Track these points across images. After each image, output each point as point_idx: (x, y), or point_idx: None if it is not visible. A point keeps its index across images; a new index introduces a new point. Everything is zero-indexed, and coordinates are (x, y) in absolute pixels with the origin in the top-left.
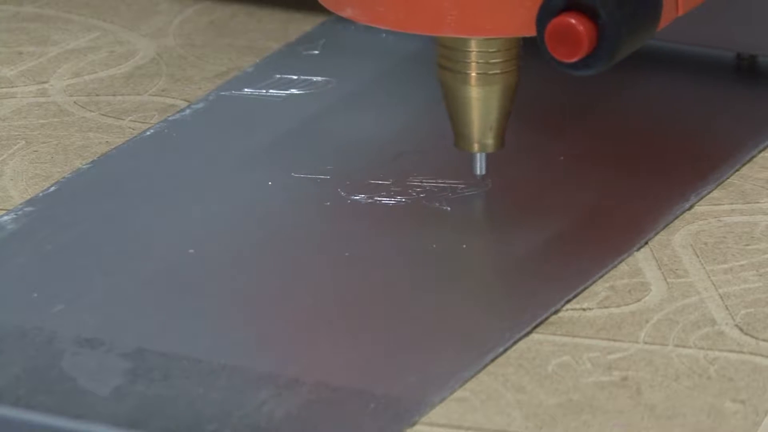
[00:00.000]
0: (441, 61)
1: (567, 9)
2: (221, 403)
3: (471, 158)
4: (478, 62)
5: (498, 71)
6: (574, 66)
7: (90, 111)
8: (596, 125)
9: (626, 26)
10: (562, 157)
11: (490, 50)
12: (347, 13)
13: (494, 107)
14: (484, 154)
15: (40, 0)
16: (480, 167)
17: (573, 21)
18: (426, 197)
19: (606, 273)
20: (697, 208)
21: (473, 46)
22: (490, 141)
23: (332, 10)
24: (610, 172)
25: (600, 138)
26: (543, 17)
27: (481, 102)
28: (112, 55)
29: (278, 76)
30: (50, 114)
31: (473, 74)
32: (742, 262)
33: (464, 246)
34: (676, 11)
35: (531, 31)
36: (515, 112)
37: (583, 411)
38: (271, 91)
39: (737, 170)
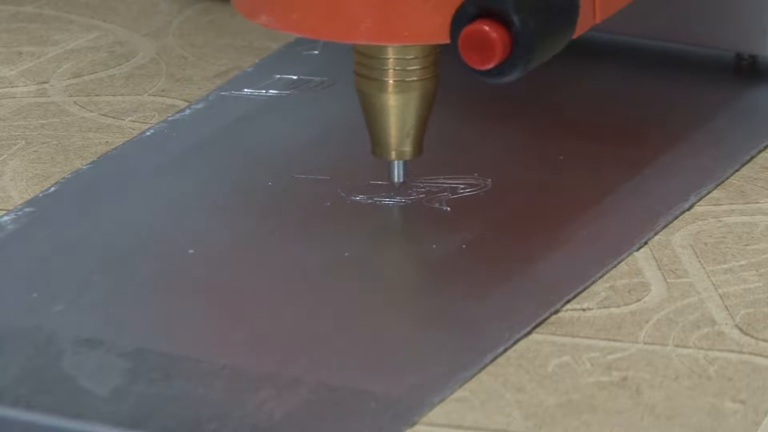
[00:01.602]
0: (358, 68)
1: (480, 16)
2: (221, 403)
3: (388, 166)
4: (395, 69)
5: (415, 78)
6: (488, 73)
7: (90, 111)
8: (595, 125)
9: (540, 33)
10: (561, 157)
11: (407, 57)
12: (262, 20)
13: (412, 114)
14: (402, 162)
15: (40, 0)
16: (398, 175)
17: (486, 28)
18: (426, 197)
19: (606, 273)
20: (697, 208)
21: (390, 53)
22: (407, 148)
23: (247, 17)
24: (609, 172)
25: (599, 138)
26: (456, 24)
27: (398, 109)
28: (112, 55)
29: (278, 76)
30: (50, 114)
31: (390, 81)
32: (741, 262)
33: (464, 246)
34: (594, 18)
35: (447, 39)
36: (515, 112)
37: (583, 411)
38: (271, 91)
39: (737, 170)
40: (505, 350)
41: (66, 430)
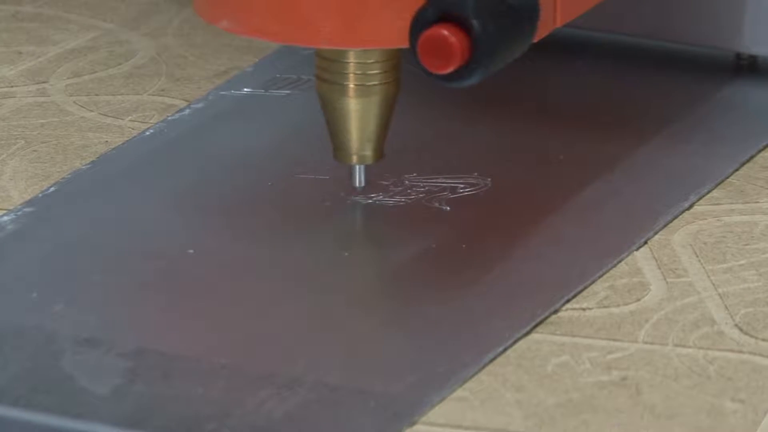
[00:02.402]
0: (319, 72)
1: (440, 20)
2: (221, 402)
3: (350, 170)
4: (356, 73)
5: (376, 82)
6: (447, 78)
7: (89, 111)
8: (595, 125)
9: (500, 38)
10: (561, 157)
11: (368, 61)
12: (223, 24)
13: (373, 119)
14: (363, 167)
15: (39, 0)
16: (359, 179)
17: (445, 32)
18: (426, 197)
19: (605, 273)
20: (697, 208)
21: (351, 58)
22: (368, 153)
23: (208, 21)
24: (609, 172)
25: (599, 138)
26: (415, 28)
27: (359, 113)
28: (112, 55)
29: (278, 75)
30: (50, 114)
31: (351, 85)
32: (741, 262)
33: (464, 246)
34: (554, 23)
35: (408, 43)
36: (515, 112)
37: (582, 410)
38: (270, 90)
39: (737, 170)
40: (505, 350)
41: (66, 430)
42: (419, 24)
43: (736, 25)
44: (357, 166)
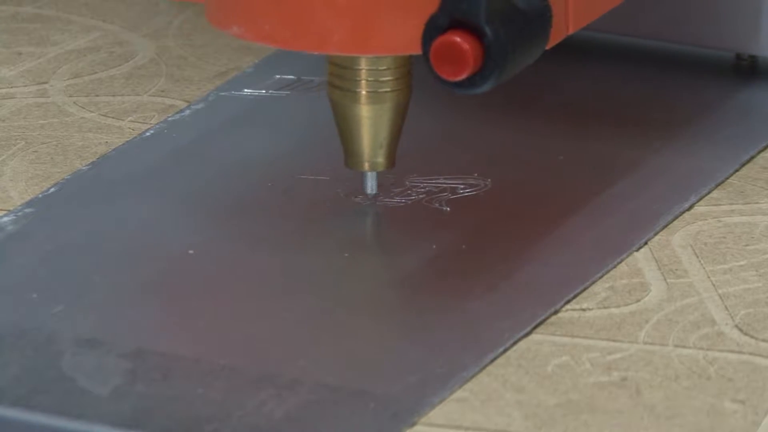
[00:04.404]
0: (331, 79)
1: (452, 27)
2: (221, 403)
3: (362, 177)
4: (368, 80)
5: (388, 89)
6: (459, 85)
7: (89, 111)
8: (595, 125)
9: (512, 44)
10: (561, 157)
11: (380, 68)
12: (234, 31)
13: (385, 125)
14: (375, 173)
15: (39, 0)
16: (371, 186)
17: (458, 39)
18: (426, 197)
19: (606, 273)
20: (697, 209)
21: (363, 64)
22: (380, 159)
23: (218, 27)
24: (609, 172)
25: (599, 138)
26: (428, 35)
27: (371, 120)
28: (112, 56)
29: (278, 76)
30: (50, 114)
31: (363, 92)
32: (741, 263)
33: (464, 246)
34: (566, 29)
35: (420, 49)
36: (515, 112)
37: (582, 411)
38: (270, 91)
39: (737, 170)
40: (505, 350)
41: (66, 430)
42: (431, 31)
43: (736, 25)
44: (369, 173)
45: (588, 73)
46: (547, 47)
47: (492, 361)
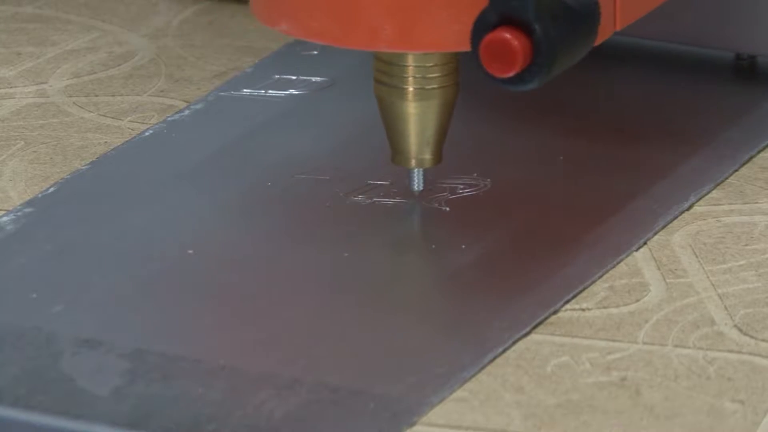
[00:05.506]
0: (378, 75)
1: (501, 24)
2: (221, 403)
3: (408, 174)
4: (415, 77)
5: (435, 86)
6: (509, 81)
7: (89, 111)
8: (595, 125)
9: (561, 41)
10: (561, 157)
11: (428, 65)
12: (282, 27)
13: (431, 122)
14: (421, 170)
15: (39, 0)
16: (417, 183)
17: (508, 36)
18: (425, 197)
19: (605, 273)
20: (697, 209)
21: (410, 61)
22: (427, 156)
23: (267, 24)
24: (609, 172)
25: (599, 138)
26: (477, 32)
27: (418, 117)
28: (111, 56)
29: (277, 76)
30: (49, 114)
31: (410, 89)
32: (741, 263)
33: (463, 246)
34: (614, 26)
35: (467, 46)
36: (515, 112)
37: (582, 411)
38: (270, 91)
39: (737, 170)
40: (505, 350)
41: (65, 430)
42: (481, 27)
43: (736, 25)
44: (415, 170)
45: (588, 73)
46: (595, 44)
47: (491, 361)
